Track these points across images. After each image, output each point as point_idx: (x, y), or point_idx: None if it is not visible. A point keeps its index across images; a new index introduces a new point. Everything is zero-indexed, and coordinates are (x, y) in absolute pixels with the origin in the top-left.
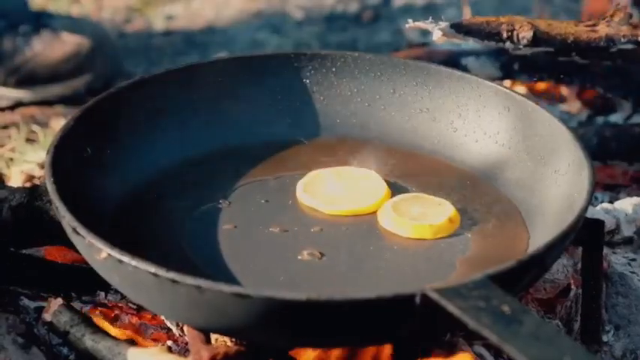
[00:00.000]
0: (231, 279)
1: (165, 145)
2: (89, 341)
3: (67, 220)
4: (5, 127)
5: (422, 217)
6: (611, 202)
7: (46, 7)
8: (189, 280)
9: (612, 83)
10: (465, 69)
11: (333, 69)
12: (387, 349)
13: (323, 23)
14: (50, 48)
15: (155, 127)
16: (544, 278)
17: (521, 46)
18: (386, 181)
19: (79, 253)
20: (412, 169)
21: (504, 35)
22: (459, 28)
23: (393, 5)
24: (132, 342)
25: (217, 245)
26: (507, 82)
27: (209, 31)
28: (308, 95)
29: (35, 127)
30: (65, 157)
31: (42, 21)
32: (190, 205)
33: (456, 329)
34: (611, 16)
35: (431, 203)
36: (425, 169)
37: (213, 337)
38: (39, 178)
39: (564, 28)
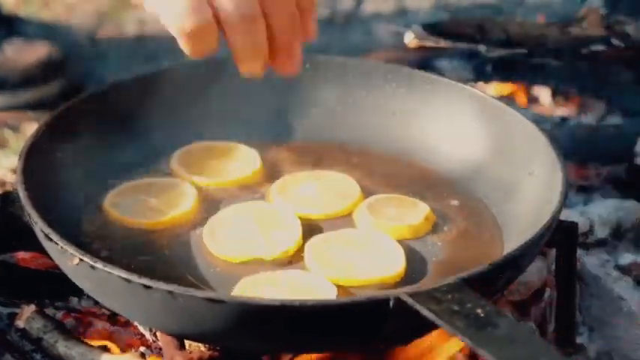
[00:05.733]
0: (204, 283)
1: (137, 149)
2: (62, 347)
3: (39, 226)
4: None
5: (399, 218)
6: (585, 203)
7: (16, 12)
8: (162, 285)
9: (585, 84)
10: (437, 71)
11: (305, 72)
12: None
13: None
14: (21, 53)
15: (127, 132)
16: (518, 280)
17: (493, 48)
18: (359, 183)
19: (52, 259)
20: (385, 172)
21: (477, 37)
22: (431, 31)
23: (366, 8)
24: (105, 348)
25: (191, 249)
26: (480, 85)
27: None
28: (280, 99)
29: (6, 132)
30: (37, 162)
31: (13, 26)
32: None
33: (431, 333)
34: (584, 17)
35: (405, 203)
36: (398, 171)
37: (187, 342)
38: (11, 183)
39: (537, 29)
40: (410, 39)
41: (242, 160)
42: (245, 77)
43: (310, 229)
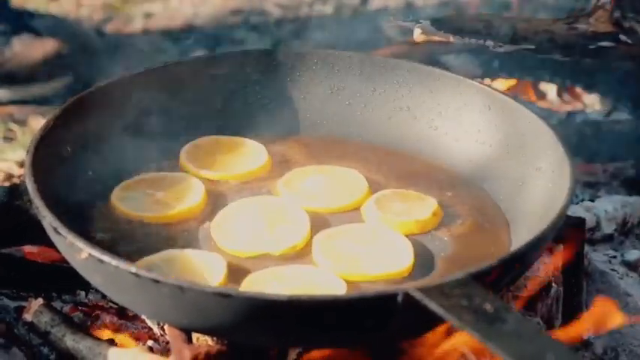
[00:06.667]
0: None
1: (145, 143)
2: (70, 341)
3: (48, 220)
4: None
5: (406, 213)
6: (591, 199)
7: (25, 6)
8: (171, 280)
9: (592, 80)
10: (445, 67)
11: (313, 67)
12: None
13: (301, 21)
14: (30, 48)
15: (135, 126)
16: (525, 275)
17: (501, 44)
18: (366, 178)
19: (60, 253)
20: (393, 167)
21: (484, 33)
22: (439, 26)
23: (373, 3)
24: (112, 342)
25: (199, 243)
26: (487, 80)
27: (188, 29)
28: (288, 93)
29: (13, 126)
30: (45, 156)
31: (22, 20)
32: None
33: (438, 327)
34: (592, 13)
35: (413, 198)
36: (406, 167)
37: (195, 336)
38: (18, 176)
39: (544, 25)
40: (417, 34)
41: (249, 155)
42: None
43: (318, 223)
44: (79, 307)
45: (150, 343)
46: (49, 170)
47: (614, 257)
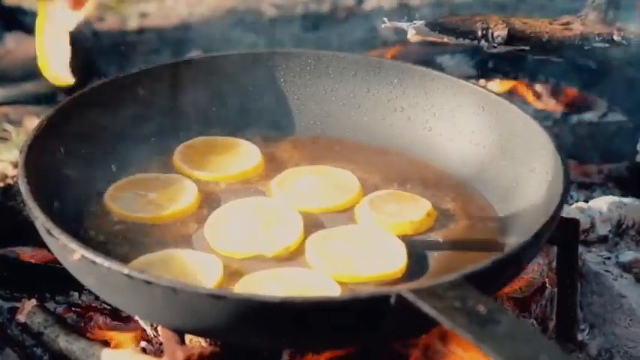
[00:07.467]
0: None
1: (138, 144)
2: (63, 342)
3: (41, 221)
4: None
5: (400, 214)
6: (585, 200)
7: (19, 3)
8: (164, 281)
9: (587, 81)
10: (439, 67)
11: (308, 68)
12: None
13: (296, 21)
14: (23, 45)
15: (129, 126)
16: (519, 277)
17: (496, 45)
18: (360, 179)
19: (53, 254)
20: (387, 168)
21: (479, 34)
22: (434, 27)
23: (367, 4)
24: (106, 343)
25: (192, 244)
26: (482, 81)
27: (183, 29)
28: (282, 94)
29: (8, 126)
30: (39, 157)
31: (15, 17)
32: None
33: (432, 329)
34: (586, 14)
35: (406, 199)
36: (399, 167)
37: (188, 337)
38: (12, 177)
39: (539, 26)
40: (412, 35)
41: (243, 155)
42: None
43: (311, 224)
44: (73, 308)
45: (143, 344)
46: (42, 171)
47: (609, 258)
